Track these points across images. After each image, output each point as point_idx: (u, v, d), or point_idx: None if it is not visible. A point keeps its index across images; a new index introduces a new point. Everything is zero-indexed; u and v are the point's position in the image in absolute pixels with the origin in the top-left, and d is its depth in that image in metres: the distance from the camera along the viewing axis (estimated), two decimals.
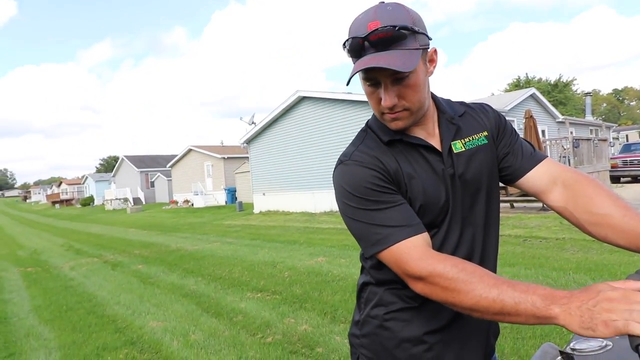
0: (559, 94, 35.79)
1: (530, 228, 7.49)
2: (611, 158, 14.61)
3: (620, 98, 55.10)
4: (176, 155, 30.09)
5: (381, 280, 0.94)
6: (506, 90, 35.83)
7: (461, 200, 0.90)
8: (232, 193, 23.52)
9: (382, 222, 0.81)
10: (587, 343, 0.86)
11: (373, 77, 0.82)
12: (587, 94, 25.54)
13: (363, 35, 0.79)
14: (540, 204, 9.30)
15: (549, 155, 12.39)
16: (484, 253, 0.94)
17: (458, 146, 0.92)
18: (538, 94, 17.71)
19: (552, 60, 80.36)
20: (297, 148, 14.74)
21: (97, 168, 74.88)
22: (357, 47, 0.81)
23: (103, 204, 36.11)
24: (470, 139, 0.94)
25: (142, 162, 37.77)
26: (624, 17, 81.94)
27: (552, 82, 37.28)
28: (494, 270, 0.94)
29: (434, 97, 0.95)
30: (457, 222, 0.90)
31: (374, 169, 0.85)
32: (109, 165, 64.93)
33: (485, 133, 0.96)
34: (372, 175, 0.84)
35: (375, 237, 0.81)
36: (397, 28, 0.78)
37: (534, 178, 0.95)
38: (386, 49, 0.78)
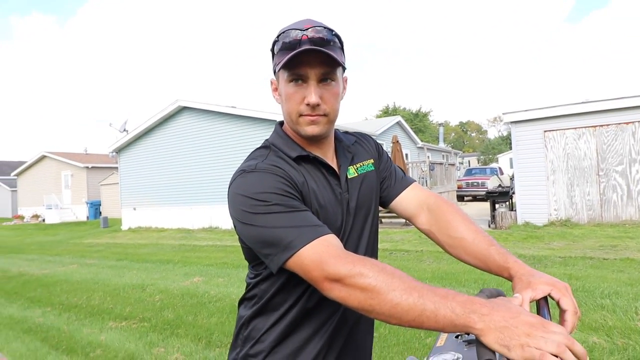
0: (419, 122, 41.00)
1: (395, 242, 8.32)
2: (457, 180, 17.21)
3: (465, 129, 65.71)
4: (25, 162, 25.59)
5: (274, 306, 0.90)
6: (377, 117, 39.62)
7: (351, 226, 0.95)
8: (95, 207, 20.92)
9: (294, 223, 0.76)
10: (442, 357, 0.98)
11: (301, 75, 0.84)
12: (440, 124, 29.81)
13: (304, 29, 0.84)
14: (403, 220, 10.41)
15: (410, 175, 14.02)
16: None
17: (351, 171, 0.98)
18: (403, 121, 20.02)
19: (414, 92, 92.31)
20: (175, 160, 13.88)
21: None
22: (295, 42, 0.83)
23: None
24: (361, 164, 1.01)
25: None
26: (472, 60, 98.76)
27: (413, 111, 42.53)
28: None
29: None
30: (349, 247, 0.92)
31: (282, 177, 0.83)
32: None
33: (372, 160, 1.05)
34: (280, 182, 0.82)
35: (287, 239, 0.75)
36: (333, 32, 0.86)
37: (405, 201, 1.05)
38: (322, 46, 0.83)
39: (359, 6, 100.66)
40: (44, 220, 22.23)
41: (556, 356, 0.56)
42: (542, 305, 0.77)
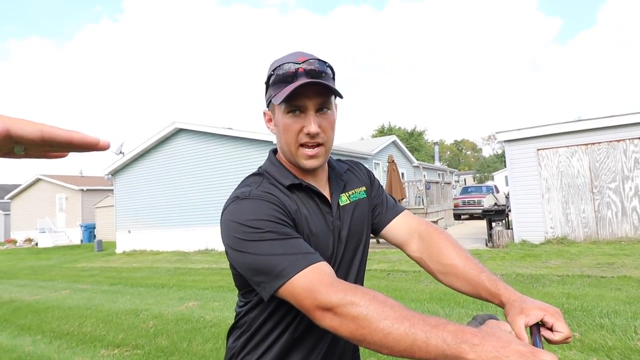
0: (414, 141, 41.36)
1: (392, 262, 8.25)
2: (454, 199, 17.25)
3: (460, 148, 66.35)
4: (19, 185, 25.46)
5: (263, 335, 0.89)
6: (373, 136, 39.98)
7: (342, 254, 0.95)
8: (90, 230, 20.72)
9: (286, 250, 0.77)
10: None
11: (299, 106, 0.86)
12: (435, 143, 30.09)
13: (299, 62, 0.86)
14: None
15: (407, 194, 14.03)
16: None
17: (344, 199, 0.99)
18: (398, 141, 20.17)
19: (409, 111, 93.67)
20: (172, 182, 13.86)
21: None
22: (291, 74, 0.86)
23: None
24: (354, 192, 1.02)
25: None
26: (461, 82, 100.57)
27: (409, 130, 42.95)
28: None
29: None
30: (339, 275, 0.93)
31: (275, 204, 0.84)
32: None
33: (364, 188, 1.06)
34: (273, 209, 0.82)
35: (279, 267, 0.75)
36: (326, 64, 0.89)
37: (396, 229, 1.06)
38: (318, 79, 0.86)
39: (353, 27, 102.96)
40: (37, 244, 21.95)
41: None
42: (534, 333, 0.78)
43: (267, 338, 0.90)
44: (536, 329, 0.78)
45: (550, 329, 0.77)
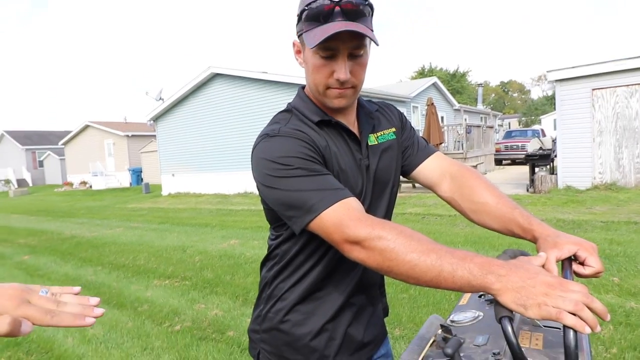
0: (456, 83, 39.22)
1: (428, 206, 8.24)
2: (496, 143, 16.57)
3: (506, 90, 62.41)
4: (70, 132, 26.95)
5: (296, 266, 0.93)
6: (412, 78, 38.23)
7: (371, 192, 0.96)
8: (137, 174, 21.89)
9: (316, 186, 0.78)
10: (463, 314, 1.00)
11: (333, 48, 0.82)
12: (479, 85, 28.46)
13: (336, 0, 0.79)
14: None
15: (446, 139, 13.56)
16: None
17: (372, 139, 0.98)
18: (439, 83, 19.23)
19: (452, 51, 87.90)
20: (210, 127, 14.17)
21: None
22: (326, 12, 0.80)
23: None
24: (382, 133, 1.00)
25: (28, 138, 33.20)
26: (510, 20, 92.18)
27: (451, 72, 40.67)
28: None
29: None
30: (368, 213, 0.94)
31: (304, 141, 0.84)
32: None
33: (394, 129, 1.03)
34: (302, 146, 0.83)
35: (310, 202, 0.77)
36: (365, 1, 0.82)
37: (427, 170, 1.05)
38: (355, 19, 0.80)
39: None
40: (91, 186, 23.59)
41: (574, 314, 0.56)
42: (565, 267, 0.76)
43: (300, 268, 0.94)
44: (568, 263, 0.76)
45: (582, 264, 0.75)
